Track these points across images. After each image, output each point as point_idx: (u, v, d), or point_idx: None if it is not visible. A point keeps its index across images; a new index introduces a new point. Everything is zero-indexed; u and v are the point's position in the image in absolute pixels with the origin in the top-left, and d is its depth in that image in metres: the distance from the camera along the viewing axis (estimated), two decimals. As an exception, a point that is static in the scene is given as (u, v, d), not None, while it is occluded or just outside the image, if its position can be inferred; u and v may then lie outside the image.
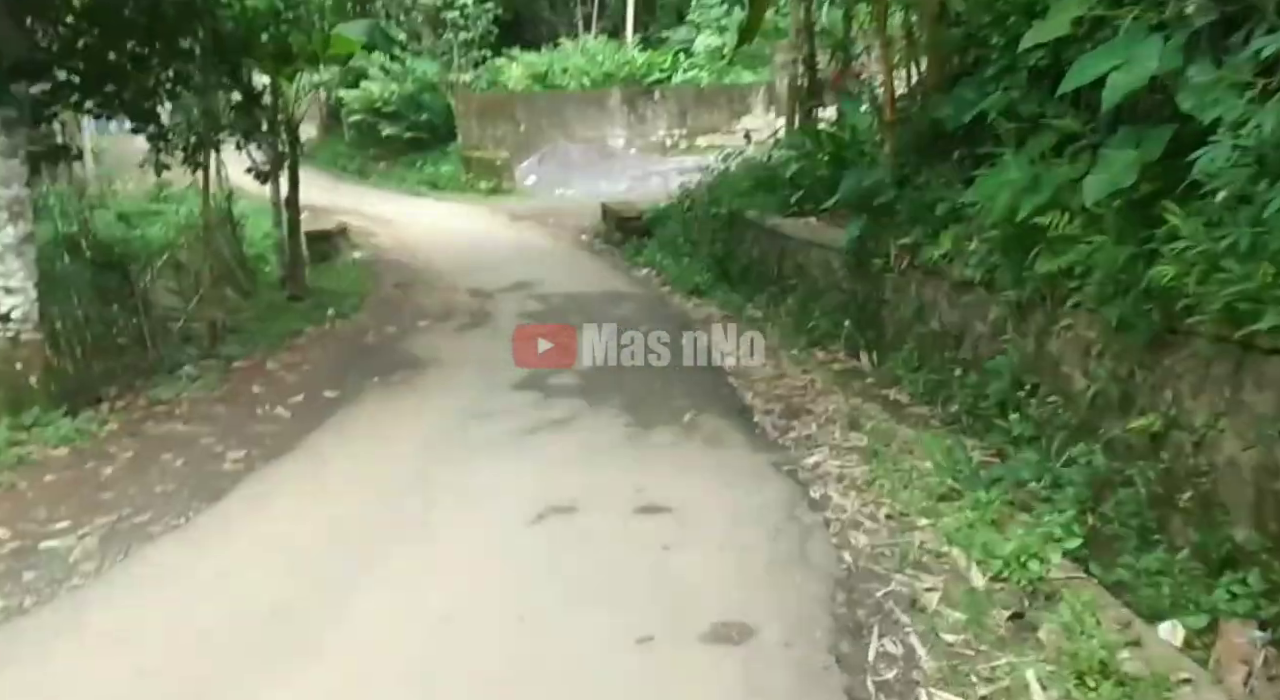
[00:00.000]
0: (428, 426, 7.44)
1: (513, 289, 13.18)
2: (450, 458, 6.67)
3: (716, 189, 13.93)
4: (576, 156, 26.90)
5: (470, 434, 7.13)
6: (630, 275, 14.02)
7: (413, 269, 15.52)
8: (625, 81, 29.33)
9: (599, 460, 6.48)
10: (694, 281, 12.40)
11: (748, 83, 29.67)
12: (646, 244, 15.67)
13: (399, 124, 30.91)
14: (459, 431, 7.24)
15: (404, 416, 7.76)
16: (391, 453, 6.88)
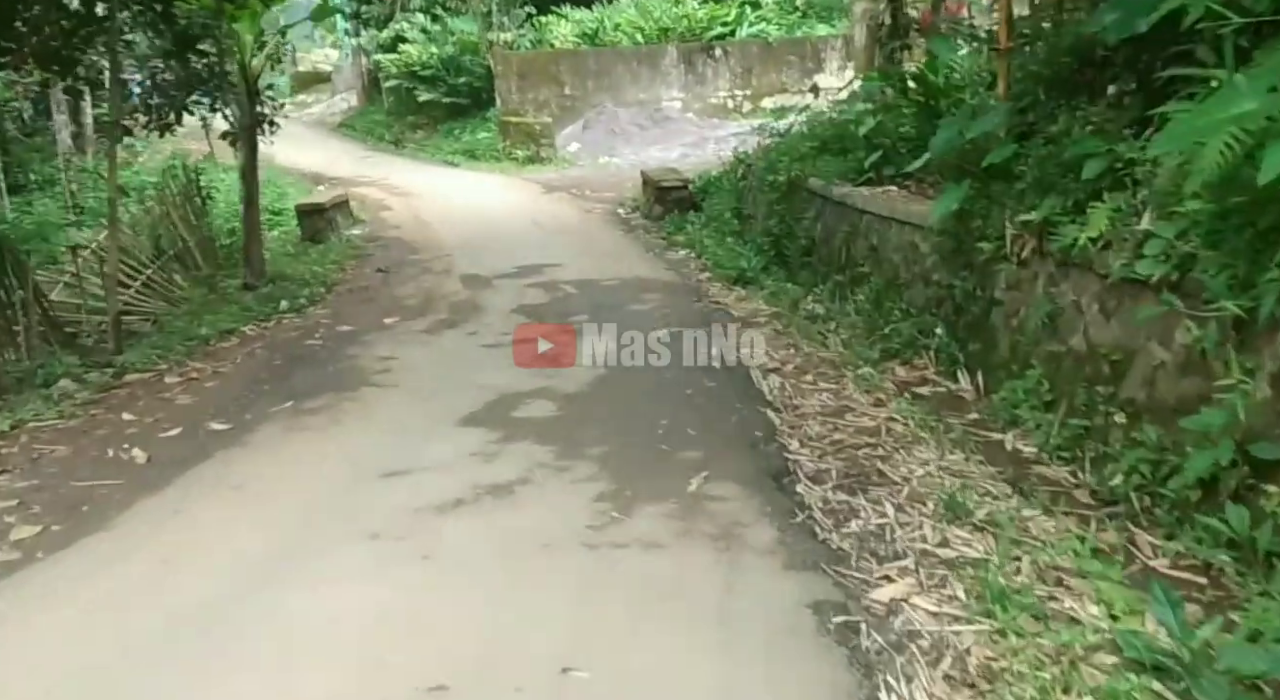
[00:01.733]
0: (314, 488, 5.07)
1: (518, 274, 10.78)
2: (310, 553, 4.27)
3: (774, 153, 11.28)
4: (625, 121, 24.30)
5: (362, 507, 4.72)
6: (664, 257, 11.49)
7: (411, 248, 13.21)
8: (683, 37, 26.59)
9: (520, 590, 3.89)
10: (739, 267, 9.83)
11: (822, 36, 26.72)
12: (690, 219, 13.12)
13: (437, 89, 28.68)
14: (350, 500, 4.84)
15: (293, 468, 5.41)
16: (238, 536, 4.52)
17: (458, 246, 13.06)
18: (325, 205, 14.20)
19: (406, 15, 31.64)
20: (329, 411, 6.30)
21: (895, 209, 7.74)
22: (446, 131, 28.83)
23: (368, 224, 15.79)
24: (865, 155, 9.11)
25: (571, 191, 18.09)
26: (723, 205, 12.59)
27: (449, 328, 8.63)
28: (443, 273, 11.27)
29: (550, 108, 25.28)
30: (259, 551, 4.29)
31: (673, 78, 25.74)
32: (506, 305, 9.29)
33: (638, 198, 15.51)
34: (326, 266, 11.77)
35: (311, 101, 45.79)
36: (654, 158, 21.54)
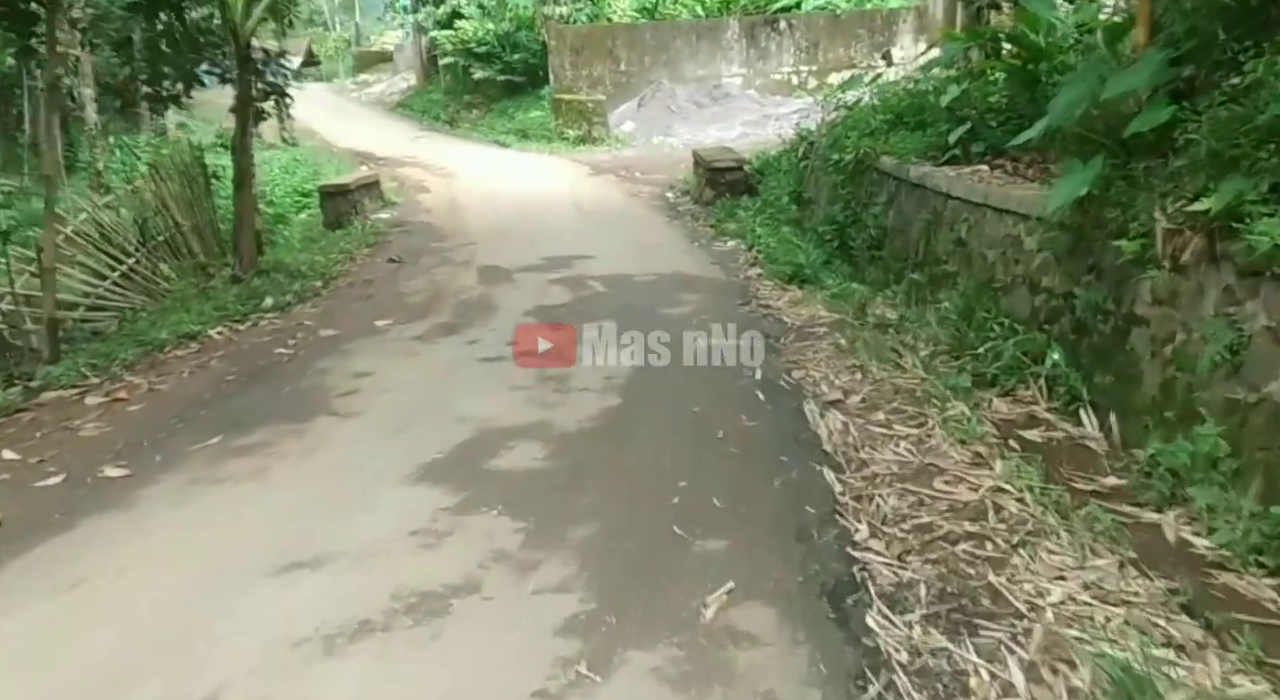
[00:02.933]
0: (171, 596, 3.56)
1: (543, 267, 9.40)
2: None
3: (840, 128, 9.70)
4: (683, 99, 22.74)
5: (219, 637, 3.21)
6: (710, 249, 10.00)
7: (436, 234, 11.91)
8: (745, 10, 24.90)
9: None
10: (795, 261, 8.30)
11: (893, 8, 24.81)
12: (744, 204, 11.60)
13: (492, 66, 27.42)
14: (206, 623, 3.31)
15: (163, 551, 3.99)
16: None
17: (486, 233, 11.73)
18: (350, 187, 12.96)
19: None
20: (260, 453, 4.95)
21: (990, 194, 6.16)
22: (501, 110, 27.59)
23: (399, 207, 14.53)
24: (949, 129, 7.56)
25: (620, 173, 16.66)
26: (780, 189, 11.05)
27: (448, 334, 7.26)
28: (462, 264, 9.93)
29: (604, 85, 23.82)
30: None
31: (734, 53, 24.09)
32: (521, 306, 7.91)
33: (689, 180, 14.01)
34: (334, 255, 10.51)
35: (373, 81, 44.99)
36: (711, 137, 20.00)
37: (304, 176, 15.48)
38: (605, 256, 9.78)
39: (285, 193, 14.25)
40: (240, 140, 9.34)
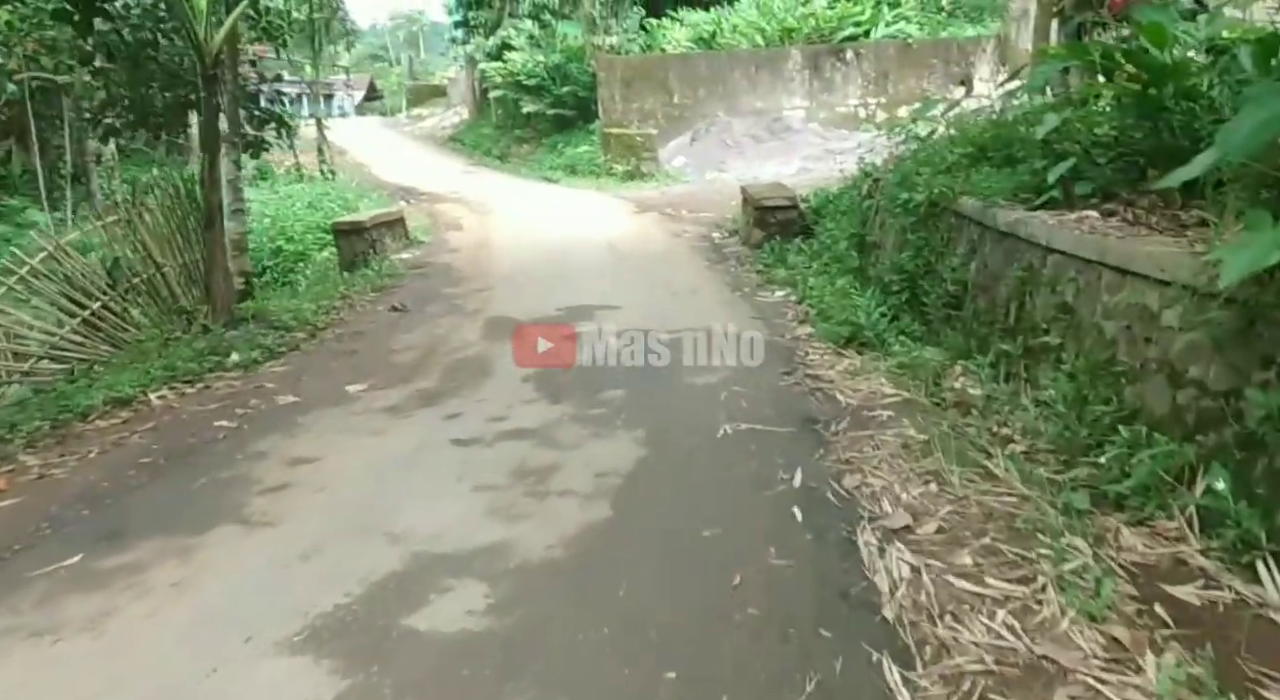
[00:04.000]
0: None
1: (558, 320, 8.13)
2: None
3: (911, 163, 8.30)
4: (739, 132, 21.47)
5: None
6: (754, 300, 8.63)
7: (454, 278, 10.74)
8: (808, 39, 23.61)
9: None
10: (854, 321, 6.89)
11: (970, 37, 23.36)
12: (797, 248, 10.24)
13: (542, 99, 26.57)
14: None
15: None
16: None
17: (508, 276, 10.54)
18: (366, 225, 11.85)
19: (514, 21, 29.73)
20: (118, 585, 3.68)
21: (1107, 249, 4.72)
22: (550, 145, 26.67)
23: (425, 246, 13.44)
24: (1045, 167, 6.15)
25: (666, 211, 15.40)
26: (839, 231, 9.66)
27: (426, 404, 5.99)
28: (472, 313, 8.71)
29: (656, 118, 22.66)
30: None
31: (795, 84, 22.80)
32: (520, 371, 6.61)
33: (738, 219, 12.68)
34: (332, 300, 9.35)
35: (427, 115, 44.68)
36: (769, 173, 18.69)
37: (330, 212, 14.50)
38: (632, 307, 8.49)
39: (307, 229, 13.27)
40: (208, 174, 8.17)
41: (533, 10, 28.01)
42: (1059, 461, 4.22)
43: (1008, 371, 5.54)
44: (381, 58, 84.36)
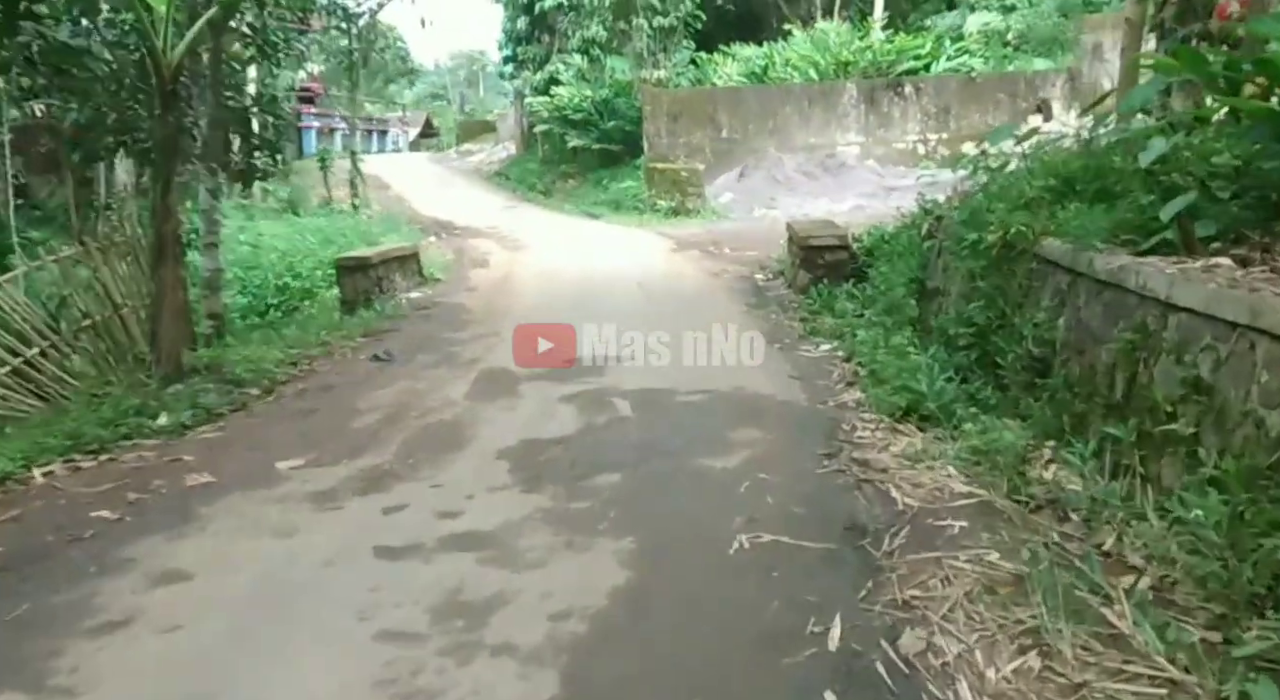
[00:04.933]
0: None
1: (565, 374, 7.03)
2: None
3: (982, 198, 7.06)
4: (790, 168, 20.35)
5: None
6: (794, 353, 7.44)
7: (460, 322, 9.70)
8: (865, 73, 22.48)
9: None
10: (914, 387, 5.64)
11: (1041, 69, 22.05)
12: (848, 292, 9.04)
13: (588, 134, 25.70)
14: None
15: None
16: None
17: (521, 319, 9.44)
18: (372, 261, 10.83)
19: (563, 57, 29.05)
20: None
21: (1262, 309, 3.48)
22: (595, 180, 25.78)
23: (440, 284, 12.44)
24: (1153, 202, 4.95)
25: (708, 249, 14.28)
26: (896, 276, 8.43)
27: (366, 490, 4.81)
28: (465, 365, 7.62)
29: (704, 153, 21.64)
30: None
31: (850, 119, 21.66)
32: (501, 440, 5.50)
33: (784, 259, 11.51)
34: (302, 349, 8.25)
35: (476, 150, 44.25)
36: (820, 210, 17.53)
37: (346, 247, 13.55)
38: (652, 360, 7.35)
39: (318, 264, 12.31)
40: (161, 201, 7.12)
41: (582, 45, 27.24)
42: (1213, 614, 2.95)
43: (1116, 462, 4.28)
44: (441, 96, 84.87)
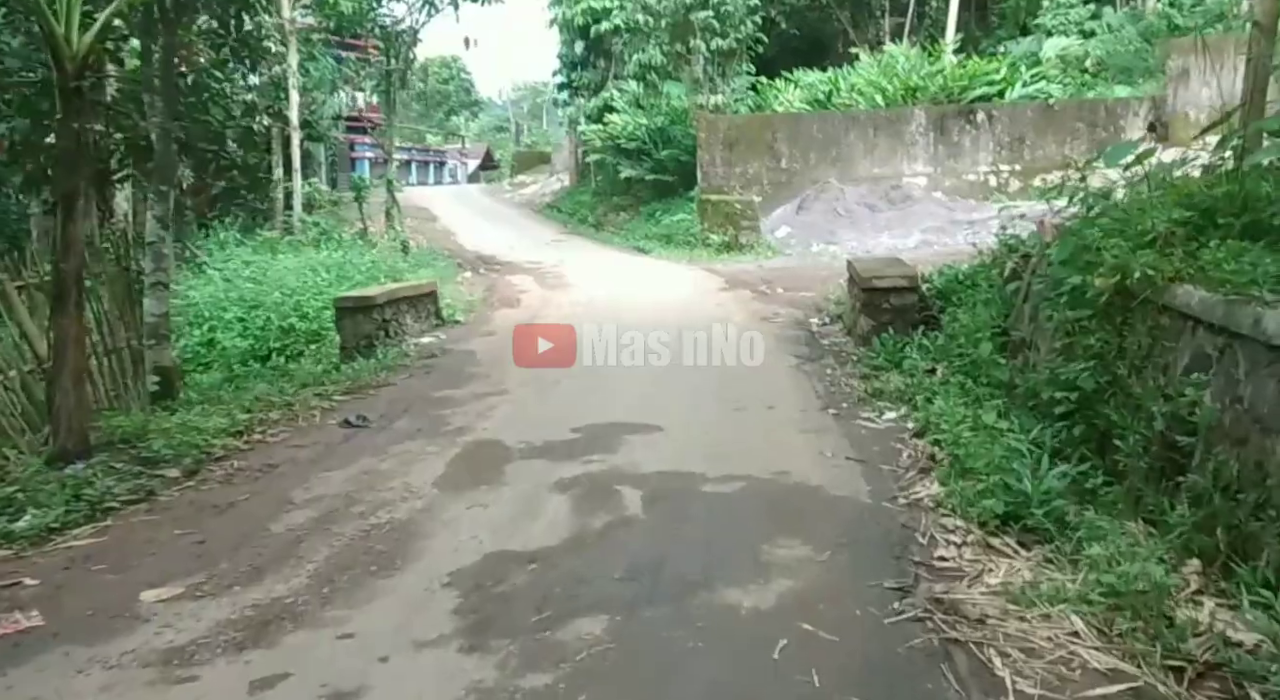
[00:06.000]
0: None
1: (565, 450, 5.89)
2: None
3: (1088, 230, 5.71)
4: (853, 200, 19.02)
5: None
6: (854, 424, 6.12)
7: (464, 375, 8.53)
8: (934, 99, 21.12)
9: None
10: (1014, 485, 4.29)
11: (1122, 96, 20.51)
12: (918, 343, 7.71)
13: (641, 164, 24.64)
14: None
15: None
16: None
17: (536, 372, 8.26)
18: (376, 301, 9.71)
19: (618, 83, 28.14)
20: None
21: None
22: (649, 213, 24.68)
23: (459, 326, 11.36)
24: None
25: (760, 288, 13.02)
26: (974, 323, 7.10)
27: (242, 647, 3.38)
28: (451, 435, 6.39)
29: (761, 184, 20.44)
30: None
31: (918, 148, 20.30)
32: (463, 553, 4.24)
33: (843, 301, 10.20)
34: (259, 412, 7.09)
35: (530, 182, 43.54)
36: (884, 246, 16.22)
37: (359, 285, 12.48)
38: (678, 430, 6.12)
39: (326, 304, 11.18)
40: (61, 233, 5.76)
41: (638, 71, 26.28)
42: None
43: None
44: (505, 129, 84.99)
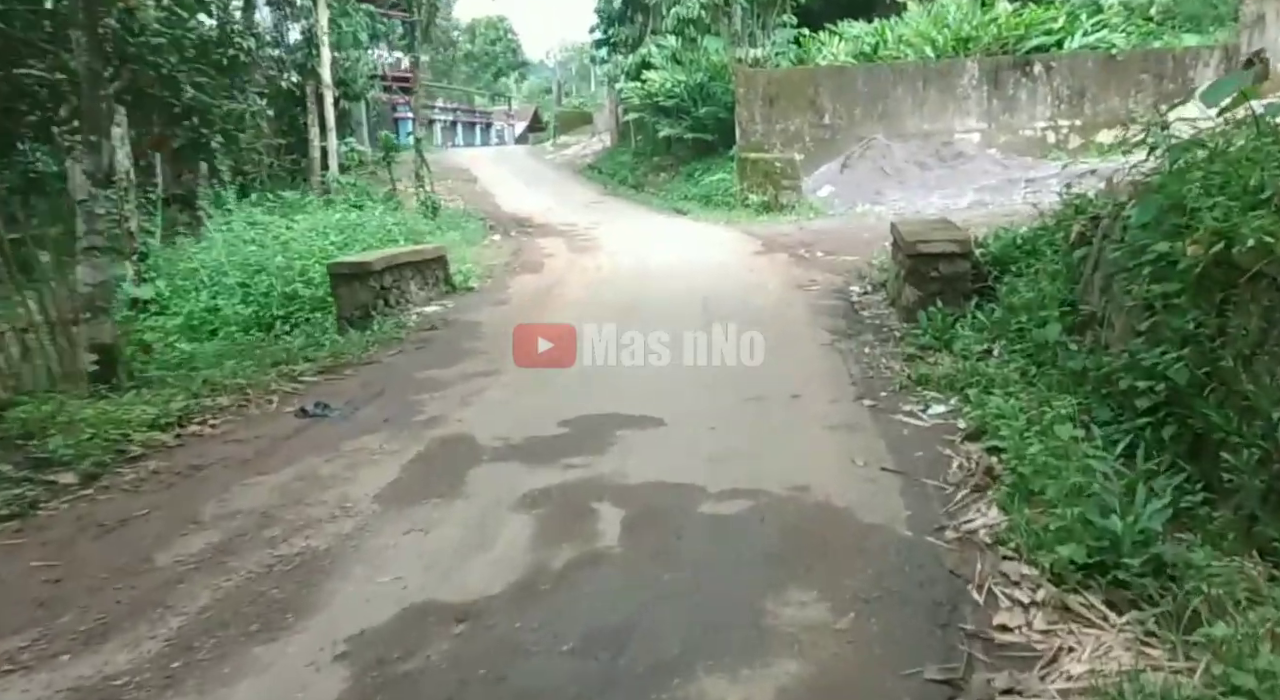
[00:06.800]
0: None
1: (546, 450, 5.10)
2: None
3: (1166, 193, 4.77)
4: (901, 158, 17.96)
5: None
6: (891, 423, 5.20)
7: (462, 350, 7.85)
8: (988, 50, 19.86)
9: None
10: (1098, 523, 3.41)
11: (1191, 46, 19.13)
12: (971, 317, 6.81)
13: (680, 122, 23.64)
14: None
15: None
16: None
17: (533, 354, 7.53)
18: (373, 267, 8.95)
19: (656, 38, 27.07)
20: None
21: None
22: (688, 173, 23.75)
23: (472, 293, 10.67)
24: None
25: (798, 252, 12.12)
26: (1037, 296, 6.18)
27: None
28: (418, 428, 5.56)
29: (803, 141, 19.40)
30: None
31: (970, 102, 19.12)
32: (378, 604, 3.38)
33: (887, 266, 9.28)
34: (207, 397, 6.25)
35: (572, 143, 42.56)
36: (935, 206, 15.16)
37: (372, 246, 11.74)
38: (682, 423, 5.31)
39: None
40: None
41: (676, 25, 25.17)
42: None
43: None
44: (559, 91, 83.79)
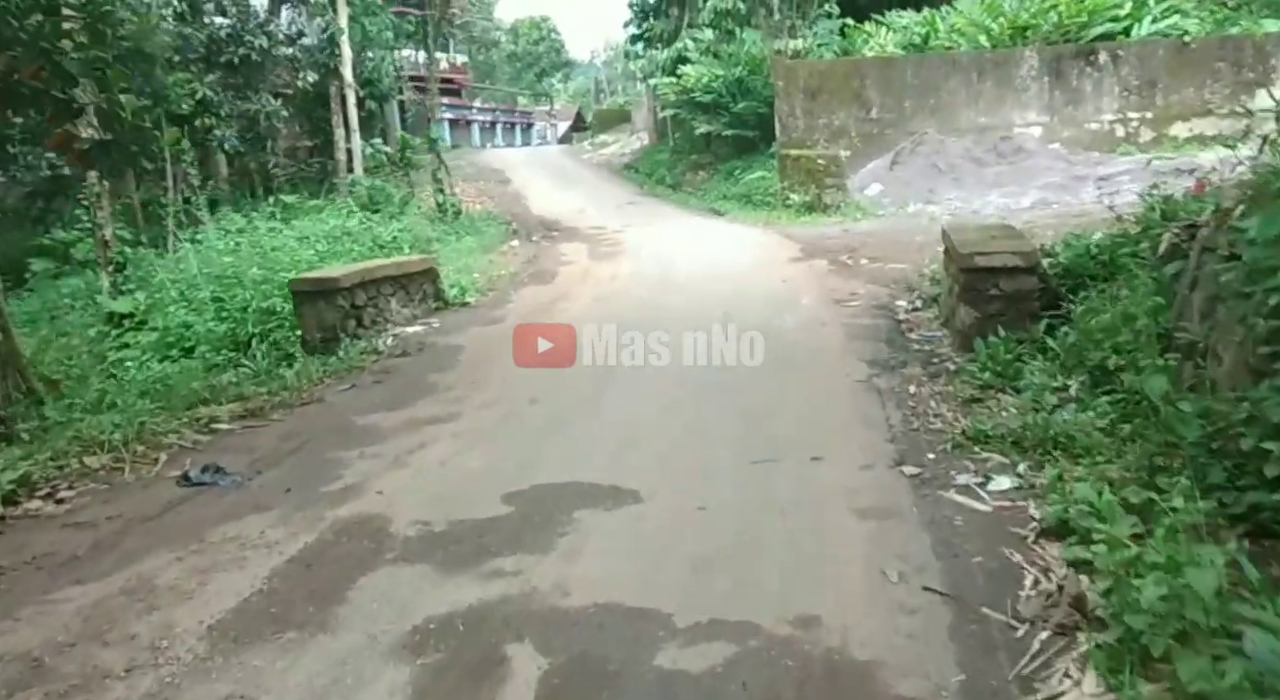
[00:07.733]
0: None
1: (458, 561, 3.96)
2: None
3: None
4: (955, 154, 16.74)
5: None
6: (938, 504, 4.04)
7: (425, 385, 6.92)
8: (1048, 38, 18.52)
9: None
10: (1227, 611, 2.35)
11: (1271, 33, 17.66)
12: (1042, 344, 5.71)
13: (718, 119, 22.54)
14: None
15: None
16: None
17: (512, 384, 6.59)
18: (340, 284, 7.96)
19: (693, 32, 25.98)
20: None
21: None
22: (727, 171, 22.66)
23: (466, 309, 9.78)
24: None
25: (840, 258, 11.04)
26: (1118, 317, 5.07)
27: None
28: (331, 498, 4.54)
29: (849, 137, 18.25)
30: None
31: (1030, 94, 17.84)
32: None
33: (939, 277, 8.17)
34: (74, 459, 5.25)
35: (610, 141, 41.63)
36: (993, 205, 13.99)
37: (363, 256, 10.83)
38: (661, 502, 4.28)
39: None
40: None
41: (713, 18, 24.08)
42: None
43: None
44: (599, 90, 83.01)
